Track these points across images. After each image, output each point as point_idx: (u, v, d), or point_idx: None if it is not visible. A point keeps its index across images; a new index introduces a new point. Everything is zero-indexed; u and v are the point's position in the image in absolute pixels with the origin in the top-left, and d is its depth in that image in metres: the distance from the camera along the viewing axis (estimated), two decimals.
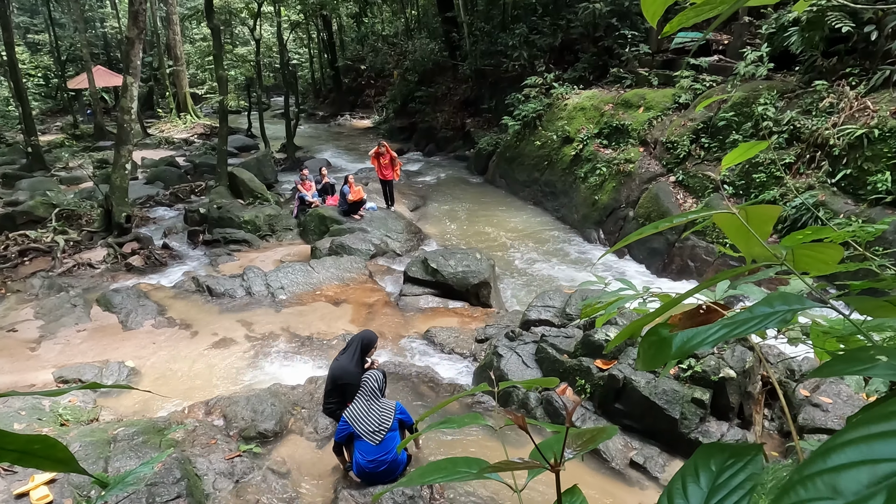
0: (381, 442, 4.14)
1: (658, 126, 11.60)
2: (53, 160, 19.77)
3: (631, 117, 12.14)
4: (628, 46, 13.99)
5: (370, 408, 4.21)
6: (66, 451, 0.69)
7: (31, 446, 0.67)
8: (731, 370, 4.82)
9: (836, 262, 0.89)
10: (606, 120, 12.54)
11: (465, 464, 0.83)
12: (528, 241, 11.56)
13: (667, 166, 10.78)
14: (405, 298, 8.43)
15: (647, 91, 12.53)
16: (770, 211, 0.89)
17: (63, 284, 9.34)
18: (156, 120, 29.04)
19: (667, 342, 0.74)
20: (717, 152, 9.98)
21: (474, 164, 17.67)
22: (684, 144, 10.53)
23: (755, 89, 9.82)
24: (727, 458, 0.63)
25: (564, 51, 17.00)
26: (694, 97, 11.44)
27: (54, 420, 5.22)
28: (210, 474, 4.38)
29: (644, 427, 4.92)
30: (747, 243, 0.89)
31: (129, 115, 11.70)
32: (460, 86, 21.78)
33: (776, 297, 0.71)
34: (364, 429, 4.15)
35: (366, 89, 31.72)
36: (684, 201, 9.98)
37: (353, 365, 4.70)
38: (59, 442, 0.69)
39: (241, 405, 5.29)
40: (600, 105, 13.06)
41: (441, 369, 6.58)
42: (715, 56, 12.46)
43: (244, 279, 8.77)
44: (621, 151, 11.83)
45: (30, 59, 30.54)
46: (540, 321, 6.72)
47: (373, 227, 11.13)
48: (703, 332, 0.70)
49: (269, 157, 18.22)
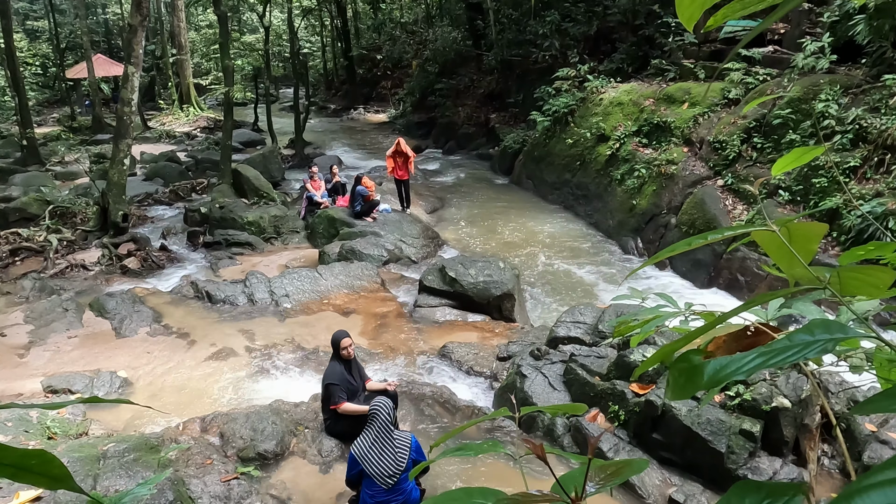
0: (394, 484, 4.13)
1: (704, 124, 11.46)
2: (49, 154, 20.36)
3: (674, 114, 12.02)
4: (672, 35, 13.87)
5: (383, 446, 4.17)
6: (62, 468, 0.71)
7: (28, 461, 0.69)
8: (786, 399, 4.69)
9: (888, 286, 0.88)
10: (646, 116, 12.43)
11: (480, 495, 0.84)
12: (557, 249, 11.48)
13: (714, 168, 10.63)
14: (420, 310, 8.43)
15: (693, 85, 12.40)
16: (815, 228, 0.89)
17: (55, 287, 9.56)
18: (157, 112, 29.72)
19: (698, 370, 0.74)
20: (770, 154, 9.80)
21: (498, 164, 17.66)
22: (734, 144, 10.38)
23: (815, 84, 9.64)
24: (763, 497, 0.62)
25: (600, 40, 16.93)
26: (745, 92, 11.28)
27: (41, 433, 5.33)
28: (205, 498, 4.42)
29: (685, 461, 4.82)
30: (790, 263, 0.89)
31: (129, 107, 11.99)
32: (485, 78, 21.83)
33: (818, 324, 0.72)
34: (375, 470, 4.13)
35: (381, 81, 32.01)
36: (733, 208, 9.82)
37: (332, 365, 5.25)
38: (55, 458, 0.71)
39: (239, 423, 5.33)
40: (640, 100, 12.95)
41: (458, 389, 6.55)
42: (769, 47, 12.27)
43: (246, 285, 8.87)
44: (663, 151, 11.71)
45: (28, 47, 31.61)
46: (569, 339, 6.65)
47: (386, 231, 11.18)
48: (738, 361, 0.70)
49: (276, 154, 18.47)
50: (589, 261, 10.95)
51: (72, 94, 30.48)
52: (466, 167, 18.48)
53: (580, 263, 10.80)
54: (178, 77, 30.22)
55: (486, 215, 13.64)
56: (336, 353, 5.39)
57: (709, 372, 0.72)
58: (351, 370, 5.40)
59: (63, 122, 27.03)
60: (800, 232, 0.88)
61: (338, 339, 5.39)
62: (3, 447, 0.67)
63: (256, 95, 26.67)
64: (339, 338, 5.40)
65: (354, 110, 30.62)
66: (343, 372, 5.29)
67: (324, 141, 23.68)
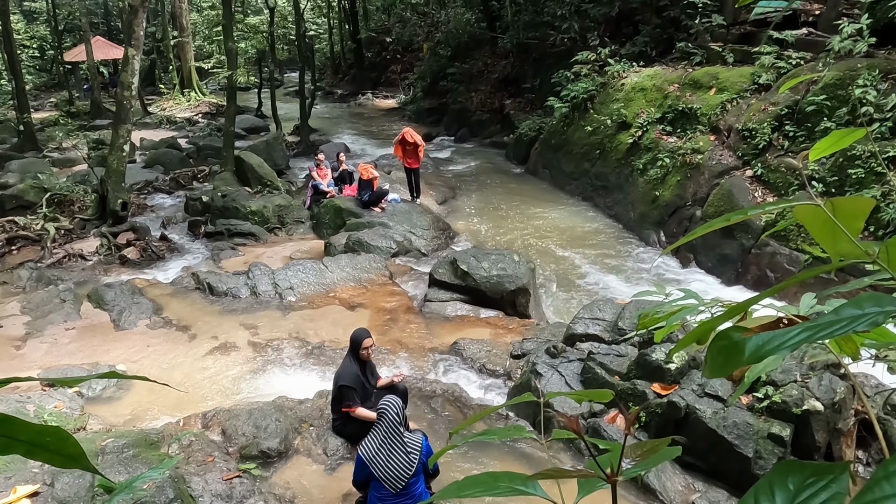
0: (403, 488, 4.13)
1: (733, 111, 11.32)
2: (46, 140, 20.54)
3: (700, 100, 11.87)
4: (698, 17, 13.66)
5: (392, 448, 4.15)
6: (77, 447, 0.73)
7: (42, 438, 0.71)
8: (818, 402, 4.63)
9: None
10: (671, 103, 12.31)
11: (506, 478, 0.86)
12: (575, 242, 11.42)
13: (742, 158, 10.51)
14: (430, 304, 8.42)
15: (721, 69, 12.24)
16: (861, 204, 0.88)
17: (52, 277, 9.67)
18: (157, 97, 29.88)
19: (739, 346, 0.74)
20: (803, 142, 9.65)
21: (513, 152, 17.58)
22: (764, 133, 10.24)
23: (852, 68, 9.46)
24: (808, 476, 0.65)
25: (622, 22, 16.74)
26: (777, 77, 11.10)
27: None
28: (206, 496, 4.44)
29: (709, 466, 4.78)
30: (833, 240, 0.89)
31: (129, 91, 12.05)
32: (499, 62, 21.70)
33: (868, 298, 0.72)
34: (383, 474, 4.12)
35: (391, 65, 31.93)
36: (763, 199, 9.69)
37: (348, 364, 5.13)
38: (70, 436, 0.72)
39: (241, 419, 5.35)
40: (664, 85, 12.82)
41: (470, 388, 6.54)
42: (803, 29, 12.06)
43: (249, 277, 8.91)
44: (688, 140, 11.59)
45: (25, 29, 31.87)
46: (587, 336, 6.62)
47: (395, 222, 11.18)
48: (782, 336, 0.71)
49: (281, 140, 18.50)
50: (608, 255, 10.89)
51: (70, 78, 30.71)
52: (479, 155, 18.43)
53: (599, 257, 10.74)
54: (179, 60, 30.34)
55: (500, 206, 13.60)
56: (354, 351, 5.24)
57: (750, 347, 0.71)
58: (366, 371, 5.32)
59: (61, 106, 27.24)
60: (845, 207, 0.87)
61: (359, 339, 5.22)
62: (20, 422, 0.68)
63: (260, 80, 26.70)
64: (360, 337, 5.23)
65: (362, 96, 30.59)
66: (358, 373, 5.20)
67: (330, 127, 23.70)
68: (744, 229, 9.50)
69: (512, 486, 0.83)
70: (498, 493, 0.83)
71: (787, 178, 9.58)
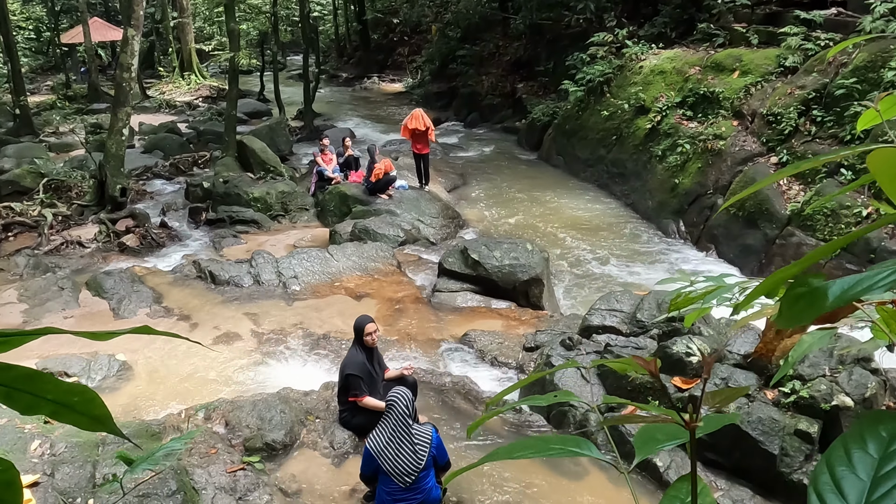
0: (412, 483, 4.12)
1: (757, 95, 11.18)
2: (42, 124, 20.63)
3: (723, 83, 11.74)
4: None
5: (401, 441, 4.14)
6: (104, 409, 0.74)
7: (70, 398, 0.71)
8: (848, 397, 4.58)
9: None
10: (691, 86, 12.19)
11: (558, 441, 0.87)
12: (590, 231, 11.37)
13: (767, 144, 10.40)
14: (439, 295, 8.41)
15: (745, 51, 12.09)
16: None
17: (50, 264, 9.72)
18: (156, 80, 29.92)
19: (820, 291, 0.70)
20: (832, 128, 9.52)
21: (525, 138, 17.51)
22: (790, 118, 10.11)
23: (885, 50, 9.30)
24: None
25: (640, 2, 16.59)
26: (804, 60, 10.93)
27: (37, 416, 5.42)
28: (209, 489, 4.46)
29: (732, 463, 4.75)
30: None
31: (128, 73, 12.05)
32: (511, 44, 21.56)
33: None
34: (392, 467, 4.11)
35: (398, 47, 31.79)
36: (788, 188, 9.58)
37: (354, 353, 5.15)
38: (97, 396, 0.73)
39: (245, 411, 5.36)
40: (684, 68, 12.69)
41: (481, 380, 6.53)
42: (832, 9, 11.87)
43: (252, 265, 8.92)
44: (710, 125, 11.47)
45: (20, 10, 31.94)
46: (604, 328, 6.58)
47: (403, 210, 11.16)
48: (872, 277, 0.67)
49: (284, 125, 18.49)
50: (625, 244, 10.84)
51: (67, 61, 30.79)
52: (490, 141, 18.36)
53: (615, 247, 10.70)
54: (178, 42, 30.33)
55: (512, 194, 13.55)
56: (358, 339, 5.28)
57: (835, 291, 0.67)
58: (373, 359, 5.33)
59: (58, 89, 27.34)
60: None
61: (362, 324, 5.27)
62: (48, 378, 0.68)
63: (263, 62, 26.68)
64: (363, 322, 5.28)
65: (368, 79, 30.51)
66: (364, 361, 5.21)
67: (335, 112, 23.67)
68: (767, 218, 9.40)
69: (565, 448, 0.83)
70: (550, 453, 0.84)
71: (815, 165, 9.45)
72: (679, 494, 0.83)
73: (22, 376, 0.69)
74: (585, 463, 5.10)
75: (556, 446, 0.84)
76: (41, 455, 4.51)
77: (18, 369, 0.69)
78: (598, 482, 4.92)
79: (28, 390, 0.69)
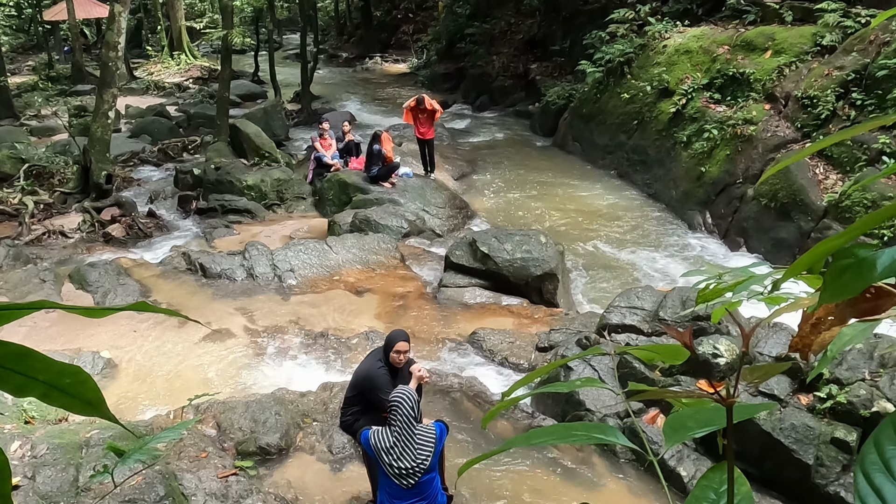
0: (415, 485, 4.12)
1: (791, 76, 11.09)
2: (23, 106, 20.73)
3: (754, 64, 11.66)
4: None
5: (405, 444, 4.14)
6: (97, 392, 0.73)
7: (62, 380, 0.71)
8: (889, 403, 4.54)
9: None
10: (719, 67, 12.12)
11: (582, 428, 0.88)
12: (609, 223, 11.35)
13: (802, 130, 10.33)
14: (446, 290, 8.40)
15: (778, 29, 11.99)
16: None
17: (31, 255, 9.78)
18: (144, 60, 29.98)
19: (868, 262, 0.69)
20: (873, 112, 9.43)
21: (539, 123, 17.47)
22: (827, 101, 10.02)
23: None
24: None
25: None
26: (843, 38, 10.83)
27: (18, 416, 5.45)
28: (199, 495, 4.47)
29: (763, 473, 4.74)
30: None
31: (114, 52, 12.08)
32: (524, 21, 21.49)
33: None
34: (393, 469, 4.11)
35: (402, 25, 31.73)
36: (825, 177, 9.50)
37: (378, 365, 4.80)
38: (90, 378, 0.73)
39: (238, 412, 5.38)
40: (712, 47, 12.62)
41: (490, 382, 6.52)
42: None
43: (245, 258, 8.93)
44: (739, 109, 11.40)
45: None
46: (623, 326, 6.55)
47: (407, 199, 11.15)
48: None
49: (280, 108, 18.48)
50: (647, 237, 10.81)
51: (49, 39, 30.90)
52: (501, 126, 18.34)
53: (636, 240, 10.67)
54: (168, 19, 30.38)
55: (524, 182, 13.52)
56: (384, 355, 4.80)
57: (884, 262, 0.67)
58: (396, 380, 4.80)
59: (39, 70, 27.44)
60: None
61: (394, 340, 4.77)
62: (39, 357, 0.68)
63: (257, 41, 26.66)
64: (396, 338, 4.79)
65: (370, 59, 30.48)
66: (389, 382, 4.70)
67: (334, 94, 23.66)
68: (802, 210, 9.34)
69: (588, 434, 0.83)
70: (573, 439, 0.85)
71: (854, 152, 9.36)
72: (712, 484, 0.82)
73: (15, 353, 0.69)
74: (601, 468, 5.09)
75: (580, 432, 0.84)
76: (21, 457, 4.53)
77: (11, 346, 0.69)
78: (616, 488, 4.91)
79: (20, 370, 0.69)
